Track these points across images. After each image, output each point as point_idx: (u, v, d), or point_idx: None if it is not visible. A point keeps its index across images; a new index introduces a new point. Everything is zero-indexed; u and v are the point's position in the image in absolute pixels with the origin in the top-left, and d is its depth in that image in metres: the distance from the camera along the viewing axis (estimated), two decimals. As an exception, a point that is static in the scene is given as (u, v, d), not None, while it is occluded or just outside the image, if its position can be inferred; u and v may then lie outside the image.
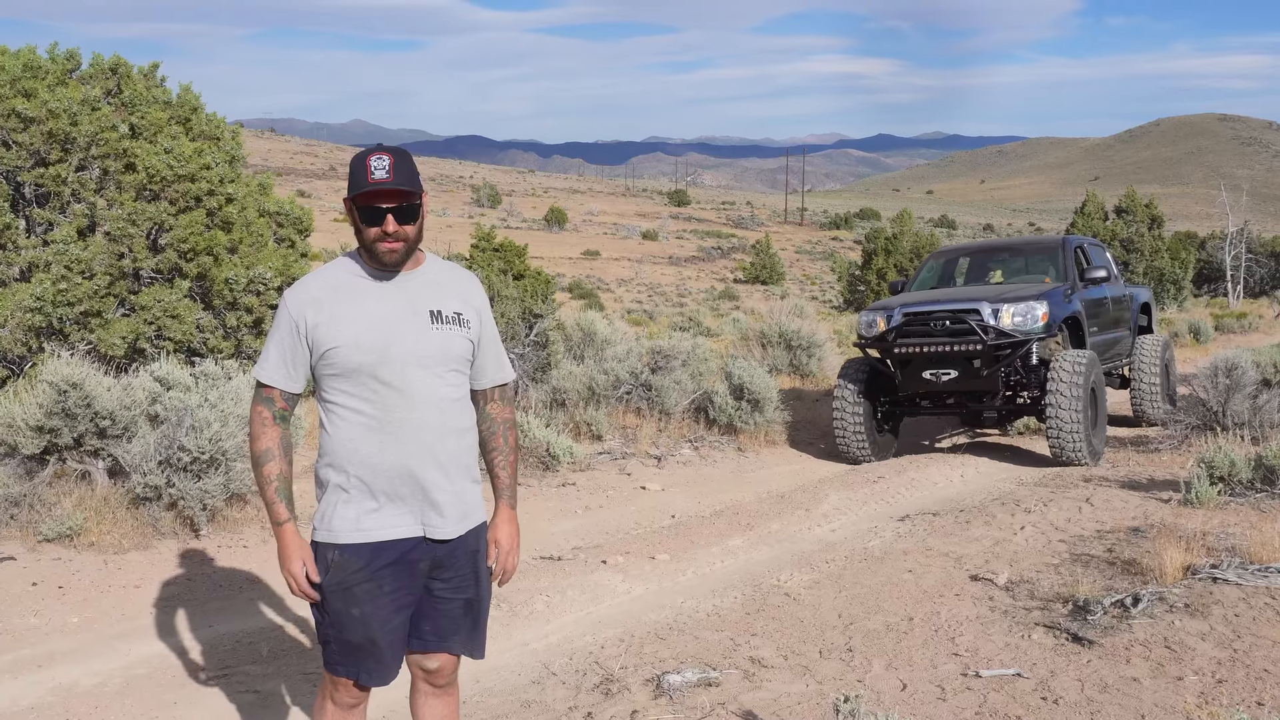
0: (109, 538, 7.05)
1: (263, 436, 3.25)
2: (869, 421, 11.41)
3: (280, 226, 11.42)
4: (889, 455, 11.76)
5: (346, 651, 3.25)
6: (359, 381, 3.20)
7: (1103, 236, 40.58)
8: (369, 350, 3.18)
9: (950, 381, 10.87)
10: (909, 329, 10.96)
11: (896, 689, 4.89)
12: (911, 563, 7.02)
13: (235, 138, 11.17)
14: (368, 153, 3.20)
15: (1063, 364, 10.37)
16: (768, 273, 59.78)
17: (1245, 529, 6.85)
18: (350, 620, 3.22)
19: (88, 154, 9.77)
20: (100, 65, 10.51)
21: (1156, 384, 12.85)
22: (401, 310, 3.25)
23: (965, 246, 14.65)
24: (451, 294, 3.36)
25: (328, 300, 3.23)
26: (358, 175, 3.18)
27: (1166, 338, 13.90)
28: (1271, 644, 5.01)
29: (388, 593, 3.23)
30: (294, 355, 3.24)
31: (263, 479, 3.24)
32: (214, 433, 7.38)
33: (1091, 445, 10.42)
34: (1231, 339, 26.56)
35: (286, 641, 5.88)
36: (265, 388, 3.27)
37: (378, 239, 3.19)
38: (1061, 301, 11.13)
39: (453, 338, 3.30)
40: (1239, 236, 50.01)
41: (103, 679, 5.33)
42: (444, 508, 3.27)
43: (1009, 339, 10.57)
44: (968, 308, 10.79)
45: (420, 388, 3.23)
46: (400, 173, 3.16)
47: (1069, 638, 5.31)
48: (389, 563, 3.22)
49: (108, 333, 9.38)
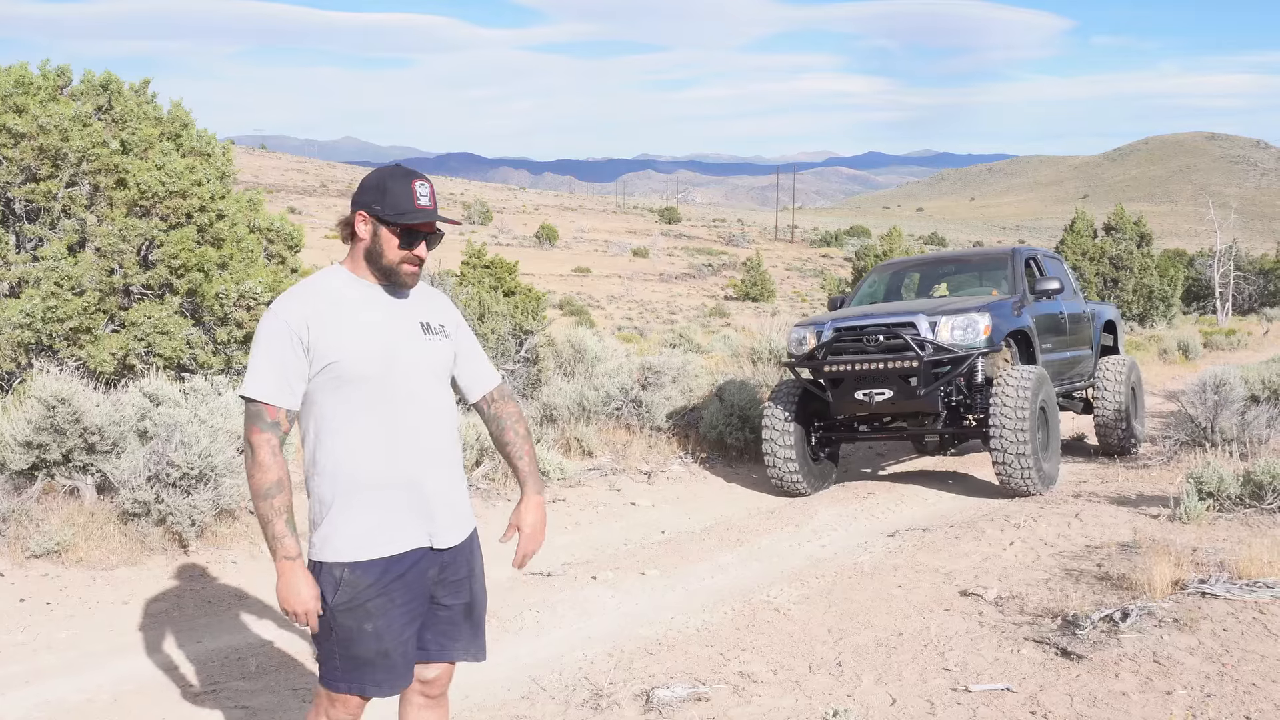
0: (97, 554, 7.03)
1: (273, 466, 3.16)
2: (801, 448, 10.47)
3: (271, 243, 11.42)
4: (827, 485, 10.93)
5: (352, 667, 3.21)
6: (364, 393, 3.20)
7: (1092, 254, 40.76)
8: (374, 360, 3.20)
9: (885, 402, 9.99)
10: (840, 345, 10.15)
11: (886, 703, 4.89)
12: (901, 578, 7.03)
13: (226, 154, 11.17)
14: (409, 176, 3.26)
15: (1007, 382, 9.63)
16: (758, 290, 59.82)
17: (1234, 544, 6.87)
18: (362, 636, 3.19)
19: (78, 170, 9.76)
20: (91, 81, 10.51)
21: (1121, 408, 11.90)
22: (398, 321, 3.30)
23: (912, 259, 13.75)
24: (432, 306, 3.44)
25: (329, 312, 3.22)
26: (399, 198, 3.22)
27: (1133, 359, 13.06)
28: (1260, 658, 5.03)
29: (400, 605, 3.23)
30: (294, 370, 3.19)
31: (272, 511, 3.15)
32: (203, 448, 7.37)
33: (1042, 471, 9.67)
34: (1220, 356, 26.68)
35: (275, 657, 5.86)
36: (266, 407, 3.18)
37: (405, 261, 3.26)
38: (1009, 315, 10.35)
39: (441, 348, 3.39)
40: (1227, 254, 50.34)
41: (90, 695, 5.31)
42: (447, 515, 3.31)
43: (948, 355, 9.78)
44: (903, 321, 10.01)
45: (424, 397, 3.28)
46: (436, 202, 3.29)
47: (1058, 652, 5.32)
48: (399, 575, 3.22)
49: (97, 349, 9.36)
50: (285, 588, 3.16)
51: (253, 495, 3.17)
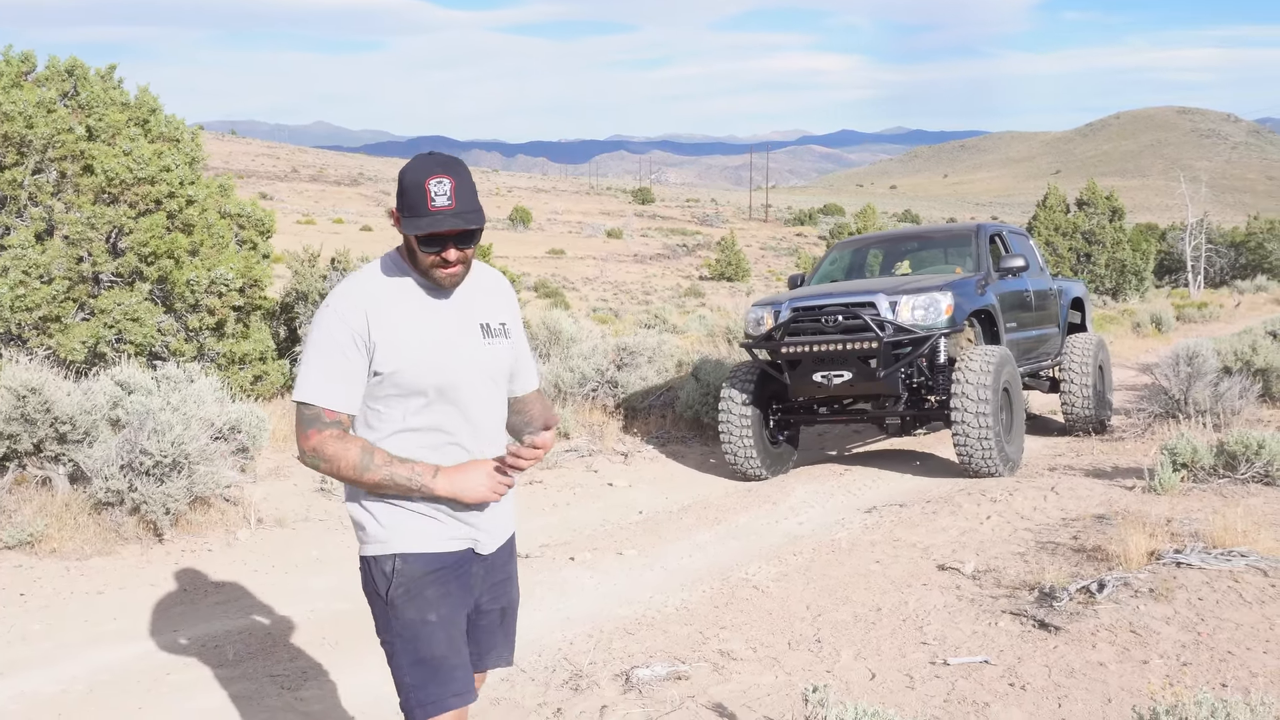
0: (71, 544, 6.97)
1: (349, 445, 2.91)
2: (759, 432, 10.18)
3: (242, 228, 11.33)
4: (786, 469, 10.65)
5: (427, 677, 2.97)
6: (421, 401, 2.99)
7: (1065, 229, 40.93)
8: (433, 370, 2.97)
9: (844, 384, 9.71)
10: (798, 326, 9.85)
11: (865, 678, 4.91)
12: (879, 554, 7.04)
13: (195, 139, 11.08)
14: (425, 173, 2.86)
15: (969, 362, 9.40)
16: (733, 269, 59.88)
17: (1208, 514, 6.90)
18: (428, 630, 2.98)
19: (44, 157, 9.65)
20: (56, 67, 10.38)
21: (1089, 387, 11.60)
22: (458, 325, 3.05)
23: (874, 236, 13.36)
24: (494, 303, 3.18)
25: (387, 313, 2.96)
26: (415, 200, 2.86)
27: (1100, 337, 12.68)
28: (1235, 626, 5.06)
29: (455, 596, 3.04)
30: (355, 371, 2.94)
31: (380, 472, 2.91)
32: (176, 436, 7.31)
33: (1005, 453, 9.45)
34: (1193, 328, 26.85)
35: (253, 644, 5.83)
36: (325, 411, 2.93)
37: (436, 265, 2.95)
38: (972, 293, 10.10)
39: (501, 352, 3.14)
40: (1199, 227, 50.67)
41: (66, 686, 5.27)
42: (493, 521, 3.14)
43: (909, 335, 9.51)
44: (862, 301, 9.72)
45: (479, 402, 3.07)
46: (462, 198, 2.87)
47: (1035, 624, 5.34)
48: (450, 567, 3.04)
49: (67, 337, 9.28)
50: (460, 488, 2.97)
51: (355, 482, 2.95)
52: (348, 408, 2.95)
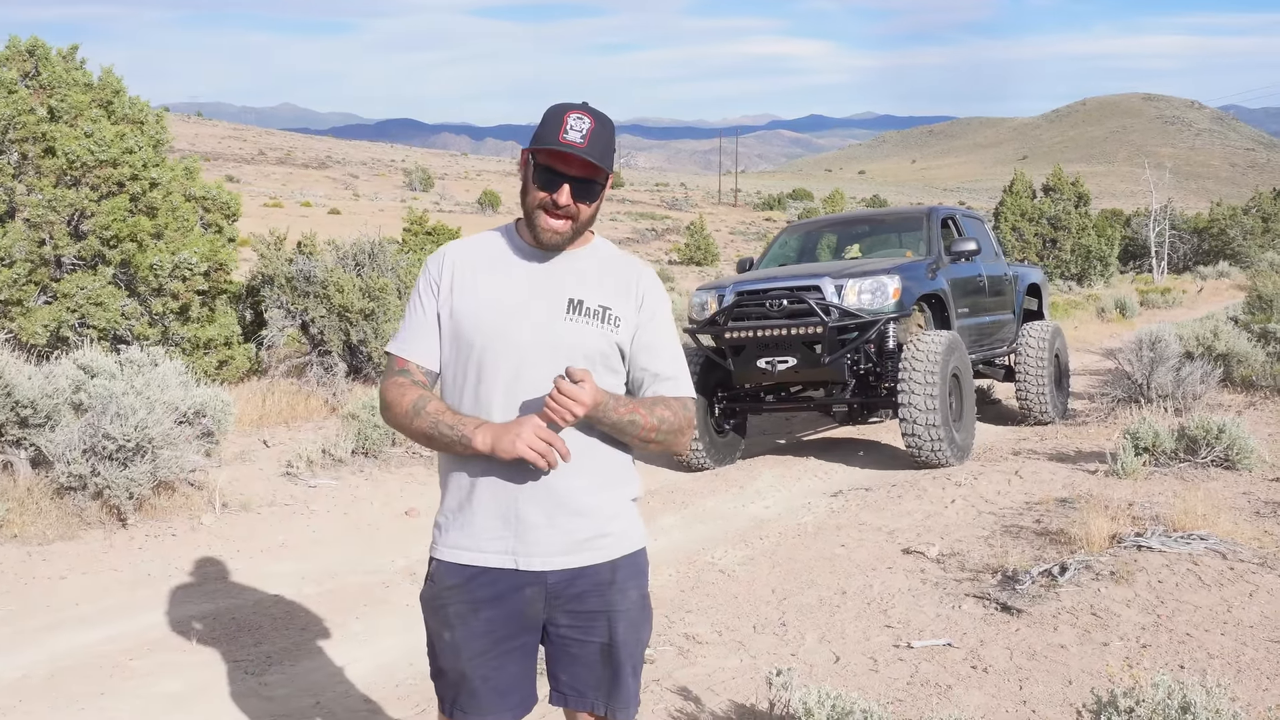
0: (32, 528, 6.90)
1: (406, 390, 2.73)
2: (704, 420, 9.98)
3: (208, 211, 11.23)
4: (733, 458, 10.43)
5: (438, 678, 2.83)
6: (463, 365, 2.76)
7: (1031, 215, 41.16)
8: (477, 331, 2.73)
9: (788, 370, 9.50)
10: (742, 310, 9.63)
11: (829, 661, 4.94)
12: (844, 537, 7.08)
13: (160, 122, 10.96)
14: (568, 108, 2.69)
15: (916, 348, 9.17)
16: (702, 254, 59.84)
17: (1169, 498, 6.98)
18: (441, 645, 2.78)
19: (4, 138, 9.53)
20: (16, 47, 10.25)
21: (1044, 375, 11.30)
22: (540, 291, 2.76)
23: (825, 219, 13.20)
24: (609, 286, 2.82)
25: (470, 265, 2.81)
26: (549, 128, 2.66)
27: (1057, 325, 12.32)
28: (1194, 609, 5.12)
29: (483, 620, 2.73)
30: (429, 322, 2.80)
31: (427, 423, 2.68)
32: (140, 420, 7.24)
33: (954, 441, 9.28)
34: (1156, 314, 27.11)
35: (217, 629, 5.80)
36: (398, 360, 2.81)
37: (543, 207, 2.70)
38: (921, 277, 9.94)
39: (587, 334, 2.75)
40: (1163, 214, 51.06)
41: (26, 672, 5.23)
42: (539, 533, 2.72)
43: (855, 320, 9.32)
44: (807, 284, 9.53)
45: (529, 387, 2.70)
46: (596, 142, 2.67)
47: (998, 607, 5.39)
48: (488, 587, 2.74)
49: (29, 321, 9.19)
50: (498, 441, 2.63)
51: (407, 431, 2.74)
52: (418, 358, 2.80)
